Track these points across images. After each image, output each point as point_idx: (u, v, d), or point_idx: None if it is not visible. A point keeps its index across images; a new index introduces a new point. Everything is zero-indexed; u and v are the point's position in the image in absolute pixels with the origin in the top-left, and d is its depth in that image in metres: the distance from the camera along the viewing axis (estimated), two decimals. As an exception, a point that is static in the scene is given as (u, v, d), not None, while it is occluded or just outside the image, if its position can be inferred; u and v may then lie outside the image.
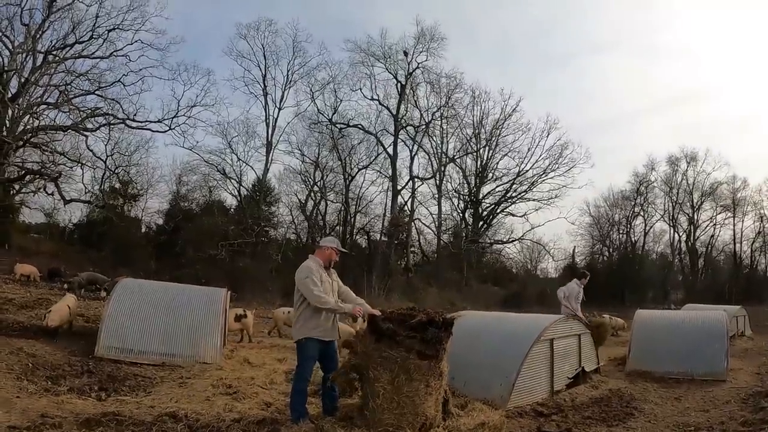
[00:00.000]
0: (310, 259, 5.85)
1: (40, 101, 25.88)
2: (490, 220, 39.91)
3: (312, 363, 5.77)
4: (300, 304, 5.67)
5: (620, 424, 6.46)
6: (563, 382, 8.09)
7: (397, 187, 35.50)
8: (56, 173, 25.64)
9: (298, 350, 5.74)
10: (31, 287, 16.88)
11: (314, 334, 5.62)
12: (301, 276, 5.57)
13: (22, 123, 25.35)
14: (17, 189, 28.91)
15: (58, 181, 25.54)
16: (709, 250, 44.39)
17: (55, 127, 26.26)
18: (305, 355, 5.68)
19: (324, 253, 5.87)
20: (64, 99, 25.95)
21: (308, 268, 5.66)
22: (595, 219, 44.62)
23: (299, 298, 5.66)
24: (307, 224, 35.57)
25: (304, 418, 5.59)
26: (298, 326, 5.72)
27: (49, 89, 26.14)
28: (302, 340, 5.64)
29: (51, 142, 26.85)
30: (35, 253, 26.82)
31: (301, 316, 5.69)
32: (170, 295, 9.35)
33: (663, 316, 11.38)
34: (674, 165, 43.41)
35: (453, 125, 38.35)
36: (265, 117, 33.53)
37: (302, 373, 5.70)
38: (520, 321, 8.67)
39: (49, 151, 26.75)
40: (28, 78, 24.78)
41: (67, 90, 26.29)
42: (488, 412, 5.89)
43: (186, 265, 27.39)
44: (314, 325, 5.63)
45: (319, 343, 5.67)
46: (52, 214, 31.35)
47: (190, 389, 6.84)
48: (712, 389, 8.51)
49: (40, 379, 6.53)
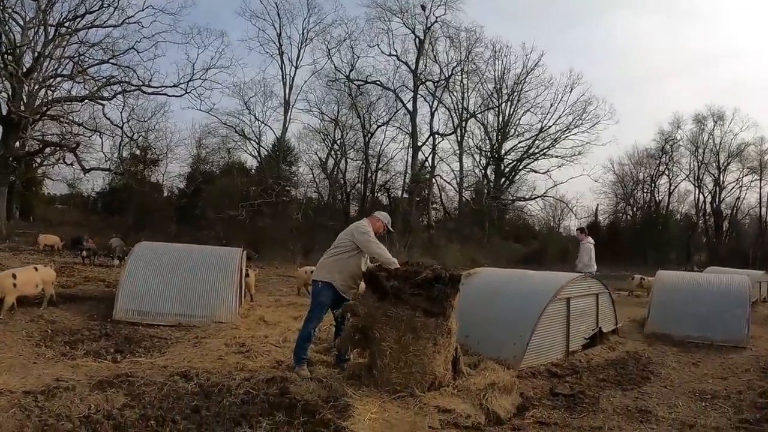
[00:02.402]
0: (365, 221, 6.03)
1: (54, 74, 26.01)
2: (512, 176, 39.61)
3: (323, 310, 5.92)
4: (339, 253, 5.87)
5: (635, 388, 6.33)
6: (579, 343, 7.97)
7: (417, 144, 35.07)
8: (75, 143, 25.97)
9: (313, 293, 5.97)
10: (54, 256, 17.21)
11: (336, 282, 5.78)
12: (360, 232, 5.77)
13: (39, 97, 25.53)
14: (39, 162, 29.34)
15: (77, 151, 25.93)
16: (734, 212, 43.65)
17: (71, 98, 26.45)
18: (318, 299, 5.86)
19: (376, 224, 6.06)
20: (79, 70, 26.05)
21: (367, 228, 5.85)
22: (619, 177, 44.09)
23: (341, 246, 5.87)
24: (328, 182, 35.53)
25: (301, 363, 5.74)
26: (325, 270, 5.88)
27: (63, 61, 26.27)
28: (319, 282, 5.82)
29: (68, 113, 27.14)
30: (59, 224, 27.41)
31: (331, 261, 5.89)
32: (186, 257, 9.41)
33: (685, 278, 11.15)
34: (701, 124, 42.44)
35: (474, 80, 37.70)
36: (282, 76, 33.13)
37: (311, 318, 5.88)
38: (536, 279, 8.50)
39: (67, 122, 27.12)
40: (41, 52, 24.86)
41: (81, 61, 26.40)
42: (500, 371, 5.84)
43: (207, 227, 27.77)
44: (338, 276, 5.79)
45: (335, 294, 5.81)
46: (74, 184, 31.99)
47: (203, 349, 6.90)
48: (732, 356, 8.35)
49: (58, 344, 6.62)
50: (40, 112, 25.53)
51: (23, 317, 7.68)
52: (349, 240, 5.83)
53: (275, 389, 5.02)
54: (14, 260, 13.34)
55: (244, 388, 5.03)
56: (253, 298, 11.41)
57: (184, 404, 4.61)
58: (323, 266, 5.96)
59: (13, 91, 23.82)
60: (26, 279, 8.24)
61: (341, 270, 5.81)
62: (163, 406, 4.53)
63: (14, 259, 14.27)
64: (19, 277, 8.00)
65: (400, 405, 4.82)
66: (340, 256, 5.85)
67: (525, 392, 5.84)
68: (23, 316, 7.75)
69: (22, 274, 8.28)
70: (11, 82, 23.51)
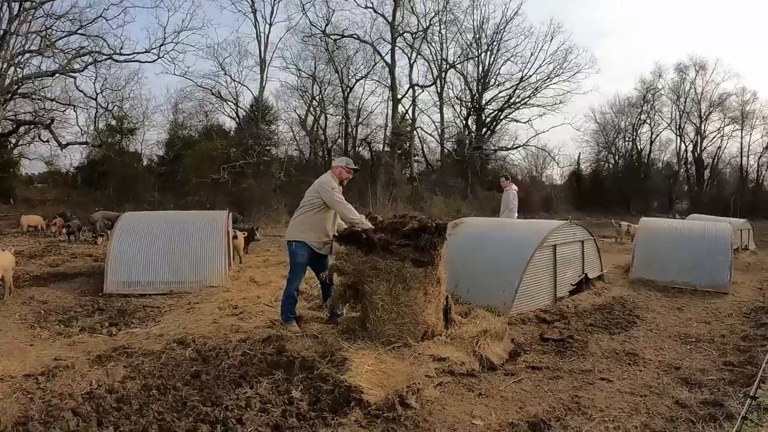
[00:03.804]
0: (329, 175, 6.03)
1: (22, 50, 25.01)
2: (493, 126, 39.40)
3: (303, 269, 6.02)
4: (307, 210, 5.92)
5: (622, 332, 6.54)
6: (566, 289, 8.14)
7: (397, 96, 34.67)
8: (49, 120, 25.37)
9: (290, 254, 6.00)
10: (39, 237, 17.01)
11: (308, 239, 5.86)
12: (326, 189, 5.78)
13: (8, 76, 24.65)
14: (14, 143, 28.66)
15: (51, 127, 25.31)
16: (715, 161, 44.28)
17: (41, 73, 25.62)
18: (295, 260, 5.94)
19: (340, 173, 6.07)
20: (47, 44, 25.11)
21: (332, 183, 5.88)
22: (601, 126, 44.22)
23: (309, 204, 5.91)
24: (309, 140, 35.16)
25: (290, 322, 5.87)
26: (295, 229, 5.96)
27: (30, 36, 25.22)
28: (293, 243, 5.89)
29: (40, 89, 26.34)
30: (41, 203, 26.97)
31: (300, 220, 5.94)
32: (172, 224, 9.35)
33: (668, 225, 11.31)
34: (682, 73, 42.58)
35: (452, 30, 37.16)
36: (256, 34, 32.08)
37: (292, 278, 5.98)
38: (523, 227, 8.59)
39: (39, 98, 26.33)
40: (7, 29, 23.84)
41: (49, 34, 25.40)
42: (490, 319, 5.96)
43: (190, 192, 27.31)
44: (310, 234, 5.87)
45: (311, 252, 5.90)
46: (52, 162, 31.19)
47: (197, 314, 6.94)
48: (715, 301, 8.61)
49: (52, 324, 6.60)
50: (10, 91, 24.72)
51: (15, 300, 7.62)
52: (315, 197, 5.87)
53: (272, 348, 5.11)
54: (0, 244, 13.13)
55: (241, 350, 5.12)
56: (242, 260, 11.42)
57: (184, 370, 4.68)
58: (294, 226, 6.02)
59: (-19, 72, 23.07)
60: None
61: (313, 227, 5.89)
62: (163, 375, 4.60)
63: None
64: None
65: (395, 356, 4.92)
66: (308, 213, 5.91)
67: (516, 338, 5.99)
68: (14, 299, 7.68)
69: None
70: (-22, 64, 22.75)
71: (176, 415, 3.84)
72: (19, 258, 11.31)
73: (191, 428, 3.64)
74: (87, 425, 3.68)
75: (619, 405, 4.25)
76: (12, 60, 24.39)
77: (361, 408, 3.93)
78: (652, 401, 4.33)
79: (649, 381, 4.81)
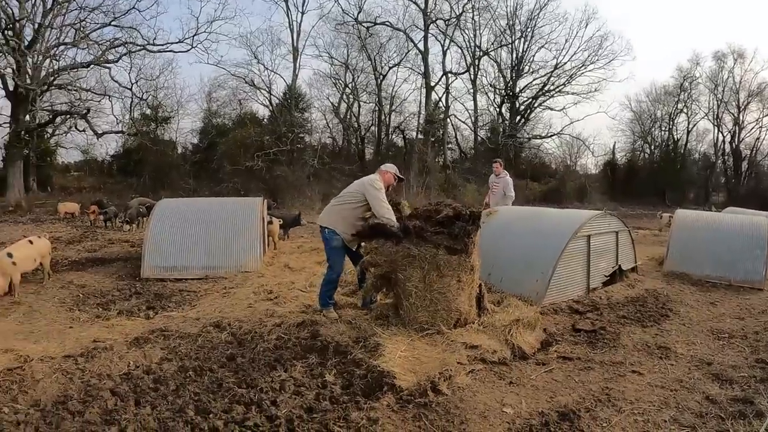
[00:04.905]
0: (377, 175, 6.08)
1: (57, 43, 25.56)
2: (527, 114, 38.66)
3: (341, 254, 6.05)
4: (346, 203, 5.96)
5: (655, 325, 6.42)
6: (599, 280, 8.03)
7: (430, 84, 34.28)
8: (85, 110, 25.85)
9: (324, 240, 6.05)
10: (76, 223, 17.47)
11: (338, 229, 5.91)
12: (374, 187, 5.80)
13: (44, 68, 25.24)
14: (51, 132, 29.38)
15: (87, 117, 25.79)
16: (753, 153, 42.49)
17: (76, 65, 26.13)
18: (331, 245, 5.98)
19: (387, 177, 6.13)
20: (81, 36, 25.64)
21: (379, 184, 5.91)
22: (637, 114, 42.89)
23: (350, 197, 5.96)
24: (342, 127, 35.19)
25: (328, 307, 5.92)
26: (330, 216, 6.02)
27: (65, 29, 25.76)
28: (326, 229, 5.95)
29: (75, 80, 26.86)
30: (78, 190, 27.68)
31: (336, 210, 6.01)
32: (208, 210, 9.51)
33: (703, 217, 11.00)
34: (720, 61, 40.81)
35: (485, 17, 36.27)
36: (289, 23, 32.01)
37: (332, 264, 6.02)
38: (557, 216, 8.50)
39: (74, 89, 26.85)
40: (42, 23, 24.38)
41: (83, 27, 25.90)
42: (523, 308, 5.93)
43: (224, 179, 27.58)
44: (342, 224, 5.90)
45: (341, 238, 5.94)
46: (88, 150, 31.87)
47: (232, 298, 7.06)
48: (749, 297, 8.35)
49: (91, 307, 6.77)
50: (46, 82, 25.30)
51: (53, 284, 7.83)
52: (360, 193, 5.88)
53: (306, 333, 5.16)
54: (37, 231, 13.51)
55: (275, 334, 5.18)
56: (276, 246, 11.47)
57: (219, 353, 4.77)
58: (328, 212, 6.08)
59: (18, 65, 23.54)
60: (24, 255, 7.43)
61: (345, 219, 5.91)
62: (199, 357, 4.69)
63: (37, 229, 14.47)
64: (16, 254, 7.21)
65: (428, 342, 4.94)
66: (345, 206, 5.95)
67: (548, 328, 5.95)
68: (53, 283, 7.90)
69: (18, 250, 7.42)
70: (14, 56, 23.23)
71: (212, 396, 3.92)
72: (57, 244, 11.69)
73: (226, 409, 3.71)
74: (125, 404, 3.77)
75: (649, 398, 4.20)
76: (48, 52, 24.98)
77: (393, 393, 3.95)
78: (683, 396, 4.27)
79: (680, 375, 4.74)
